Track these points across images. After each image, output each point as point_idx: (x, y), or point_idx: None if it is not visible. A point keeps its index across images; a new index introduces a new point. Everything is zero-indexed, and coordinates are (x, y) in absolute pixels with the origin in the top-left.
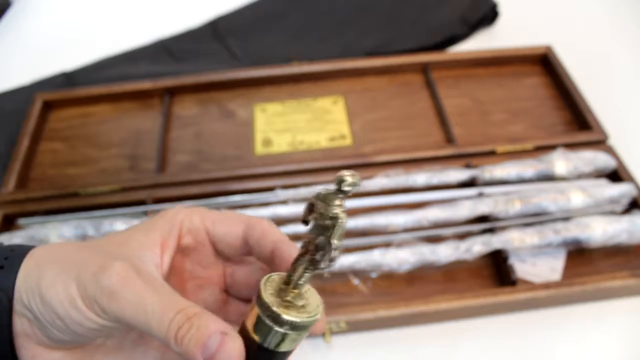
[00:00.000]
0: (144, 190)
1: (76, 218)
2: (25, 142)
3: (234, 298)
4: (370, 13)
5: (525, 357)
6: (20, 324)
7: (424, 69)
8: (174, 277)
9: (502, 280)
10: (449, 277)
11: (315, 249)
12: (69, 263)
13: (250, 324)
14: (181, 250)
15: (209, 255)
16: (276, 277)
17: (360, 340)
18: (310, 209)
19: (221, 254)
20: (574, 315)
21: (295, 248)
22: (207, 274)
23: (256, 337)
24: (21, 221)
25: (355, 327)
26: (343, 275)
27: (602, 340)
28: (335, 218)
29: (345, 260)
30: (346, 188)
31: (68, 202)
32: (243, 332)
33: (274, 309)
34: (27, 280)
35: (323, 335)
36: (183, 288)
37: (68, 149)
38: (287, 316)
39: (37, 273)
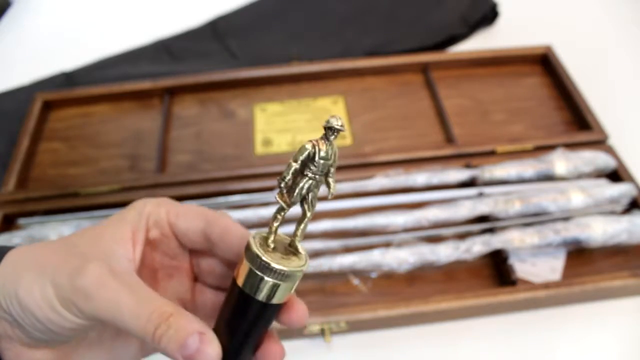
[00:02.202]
0: (144, 190)
1: (76, 218)
2: (25, 142)
3: (203, 285)
4: (370, 13)
5: (525, 357)
6: (1, 327)
7: (424, 69)
8: (145, 268)
9: (502, 280)
10: (449, 277)
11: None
12: (45, 266)
13: (240, 280)
14: (149, 243)
15: (175, 247)
16: (263, 234)
17: (360, 340)
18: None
19: (185, 247)
20: (574, 315)
21: None
22: (175, 264)
23: (248, 291)
24: (21, 221)
25: (355, 327)
26: (343, 275)
27: (602, 340)
28: (335, 154)
29: (345, 260)
30: (332, 135)
31: (68, 202)
32: (233, 290)
33: (264, 258)
34: (5, 286)
35: (323, 335)
36: (154, 278)
37: (68, 149)
38: (277, 265)
39: (14, 279)
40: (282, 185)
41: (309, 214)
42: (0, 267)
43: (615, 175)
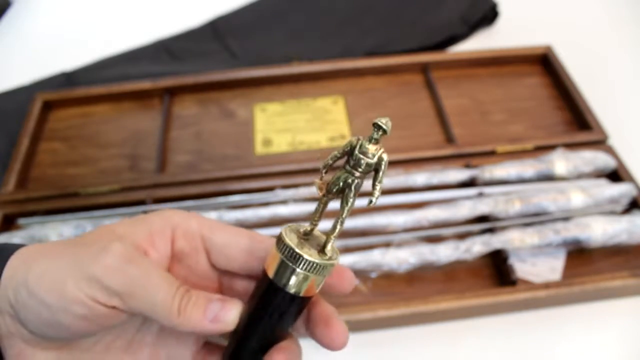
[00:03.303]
0: (144, 190)
1: (76, 218)
2: (25, 142)
3: None
4: (370, 13)
5: (525, 357)
6: (4, 324)
7: (424, 69)
8: None
9: (502, 280)
10: (449, 277)
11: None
12: (60, 255)
13: (271, 271)
14: (175, 254)
15: (204, 263)
16: (296, 226)
17: (360, 340)
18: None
19: (215, 266)
20: (574, 315)
21: None
22: (202, 282)
23: (278, 283)
24: (21, 221)
25: (355, 327)
26: None
27: (602, 340)
28: (381, 159)
29: (345, 260)
30: (375, 133)
31: (68, 202)
32: (262, 282)
33: (297, 250)
34: (14, 277)
35: None
36: None
37: (68, 149)
38: (309, 257)
39: (25, 268)
40: (322, 169)
41: (343, 211)
42: (10, 261)
43: (615, 175)
